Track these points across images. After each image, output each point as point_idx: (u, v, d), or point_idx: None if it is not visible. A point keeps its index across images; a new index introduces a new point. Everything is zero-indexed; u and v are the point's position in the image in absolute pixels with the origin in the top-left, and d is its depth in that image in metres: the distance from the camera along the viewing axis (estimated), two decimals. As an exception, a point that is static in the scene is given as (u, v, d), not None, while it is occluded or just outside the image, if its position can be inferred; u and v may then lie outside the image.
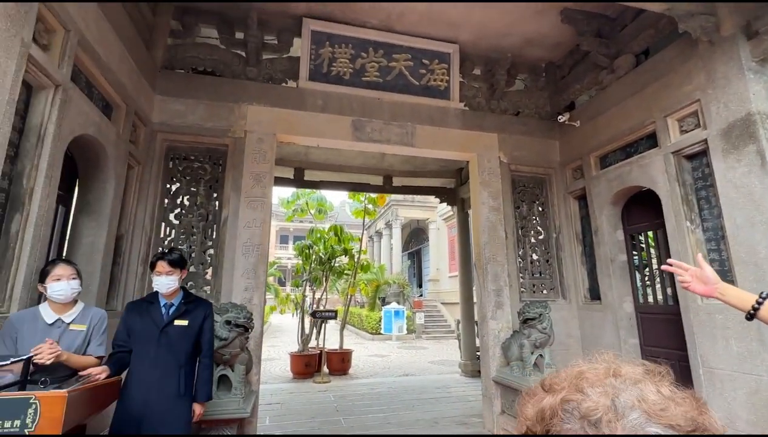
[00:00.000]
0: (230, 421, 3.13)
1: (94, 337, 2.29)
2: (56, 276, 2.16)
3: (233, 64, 4.55)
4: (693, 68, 3.61)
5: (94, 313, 2.35)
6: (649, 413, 0.43)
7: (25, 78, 2.27)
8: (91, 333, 2.29)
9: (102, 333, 2.33)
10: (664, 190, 3.84)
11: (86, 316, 2.30)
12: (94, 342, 2.28)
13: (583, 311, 4.89)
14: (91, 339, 2.28)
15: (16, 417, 1.55)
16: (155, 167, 4.08)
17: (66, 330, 2.21)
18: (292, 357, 8.10)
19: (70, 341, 2.20)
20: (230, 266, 4.02)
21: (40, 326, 2.15)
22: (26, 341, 2.06)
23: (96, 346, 2.29)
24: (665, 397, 0.45)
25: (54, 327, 2.19)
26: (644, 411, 0.43)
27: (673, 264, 1.54)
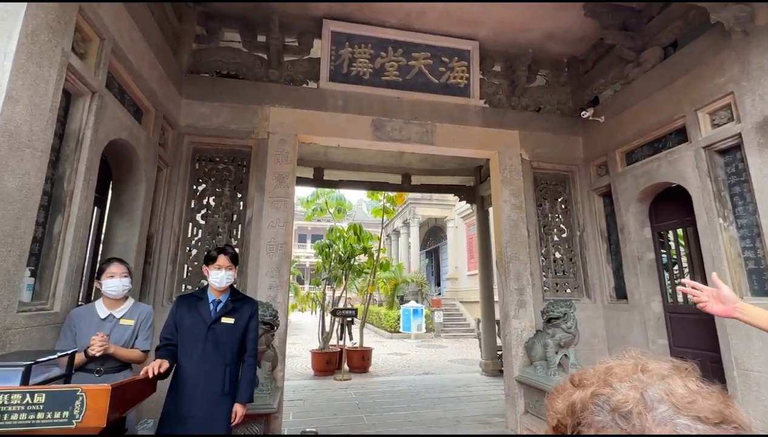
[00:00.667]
0: (258, 416, 3.20)
1: (140, 332, 2.46)
2: (110, 273, 2.36)
3: (255, 67, 4.64)
4: (726, 60, 3.49)
5: (141, 309, 2.53)
6: (678, 406, 0.43)
7: (64, 86, 2.38)
8: (138, 328, 2.45)
9: (148, 328, 2.50)
10: (695, 186, 3.73)
11: (134, 312, 2.48)
12: (141, 336, 2.45)
13: (609, 310, 4.79)
14: (138, 333, 2.45)
15: (65, 409, 1.63)
16: (182, 168, 4.20)
17: (117, 324, 2.39)
18: (313, 354, 8.21)
19: (120, 334, 2.38)
20: (255, 265, 4.11)
21: (95, 321, 2.34)
22: (83, 334, 2.25)
23: (143, 340, 2.45)
24: (692, 391, 0.46)
25: (106, 322, 2.36)
26: (672, 404, 0.44)
27: (688, 285, 1.50)
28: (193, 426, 2.25)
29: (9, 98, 1.87)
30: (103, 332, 2.27)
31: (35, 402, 1.61)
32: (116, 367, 2.32)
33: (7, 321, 1.94)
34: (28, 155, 2.01)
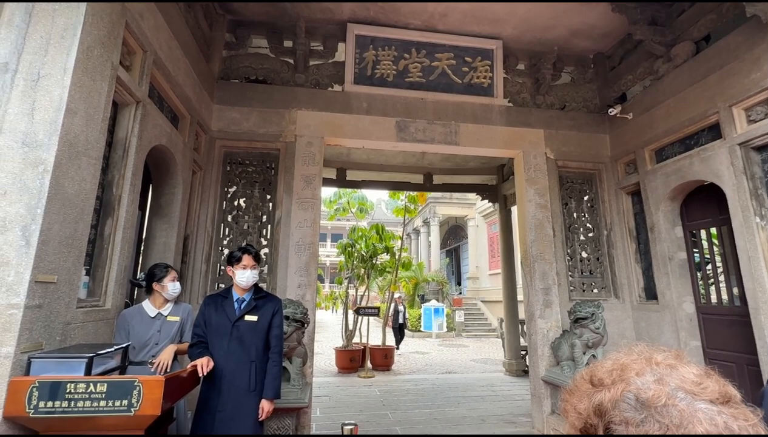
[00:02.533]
0: (290, 410, 3.32)
1: (187, 327, 2.70)
2: (171, 278, 2.68)
3: (282, 72, 4.78)
4: (762, 54, 3.38)
5: (183, 307, 2.79)
6: (693, 392, 0.48)
7: (113, 97, 2.54)
8: (184, 324, 2.71)
9: (190, 322, 2.73)
10: (730, 184, 3.63)
11: (178, 310, 2.74)
12: (188, 331, 2.68)
13: (638, 311, 4.71)
14: (185, 328, 2.70)
15: (125, 398, 1.77)
16: (214, 171, 4.37)
17: (164, 321, 2.64)
18: (337, 352, 8.35)
19: (168, 329, 2.64)
20: (284, 264, 4.24)
21: (146, 319, 2.57)
22: (136, 331, 2.51)
23: (188, 333, 2.68)
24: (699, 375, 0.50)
25: (156, 319, 2.60)
26: (688, 391, 0.48)
27: None
28: (222, 420, 2.35)
29: (69, 111, 2.02)
30: (153, 328, 2.57)
31: (98, 391, 1.75)
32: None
33: (68, 316, 2.11)
34: (84, 163, 2.17)
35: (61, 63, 2.05)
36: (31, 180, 1.90)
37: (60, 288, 2.02)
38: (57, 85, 2.02)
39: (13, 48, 2.02)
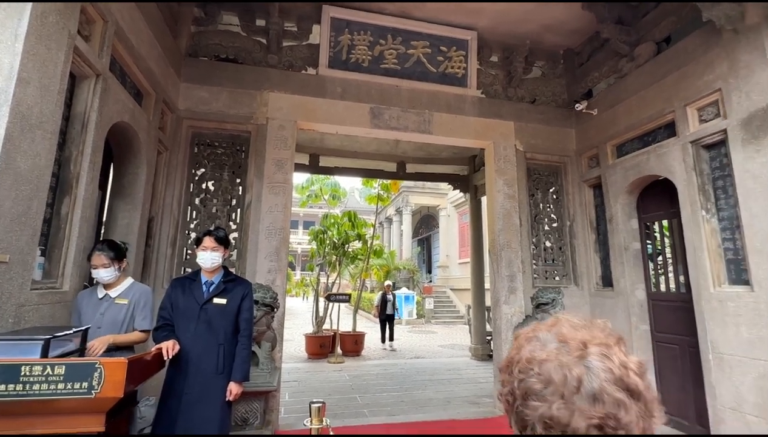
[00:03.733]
0: (258, 394, 3.33)
1: (137, 312, 2.48)
2: (93, 266, 2.38)
3: (254, 52, 4.63)
4: (715, 58, 3.60)
5: (137, 289, 2.55)
6: (564, 338, 0.61)
7: (70, 68, 2.39)
8: (133, 308, 2.47)
9: (143, 307, 2.51)
10: (681, 179, 3.88)
11: (130, 292, 2.51)
12: (138, 316, 2.48)
13: (595, 297, 4.98)
14: (135, 313, 2.48)
15: (84, 380, 1.72)
16: (181, 152, 4.22)
17: (111, 303, 2.43)
18: (307, 337, 8.36)
19: (115, 313, 2.42)
20: (254, 248, 4.18)
21: (93, 301, 2.39)
22: (84, 314, 2.35)
23: (140, 320, 2.48)
24: (575, 327, 0.63)
25: (103, 301, 2.42)
26: (559, 339, 0.61)
27: None
28: (188, 403, 2.33)
29: (21, 80, 1.90)
30: (99, 311, 2.36)
31: (56, 374, 1.69)
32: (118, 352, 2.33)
33: (22, 298, 2.01)
34: (38, 137, 2.05)
35: (12, 28, 1.91)
36: (-22, 153, 1.78)
37: (12, 269, 1.92)
38: (7, 52, 1.89)
39: (-44, 9, 1.87)
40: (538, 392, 0.58)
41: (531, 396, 0.59)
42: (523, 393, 0.60)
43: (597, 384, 0.56)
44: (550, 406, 0.56)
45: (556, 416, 0.56)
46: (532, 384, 0.59)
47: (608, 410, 0.55)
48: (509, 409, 0.63)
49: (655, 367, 4.31)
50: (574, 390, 0.56)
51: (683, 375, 4.01)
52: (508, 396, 0.63)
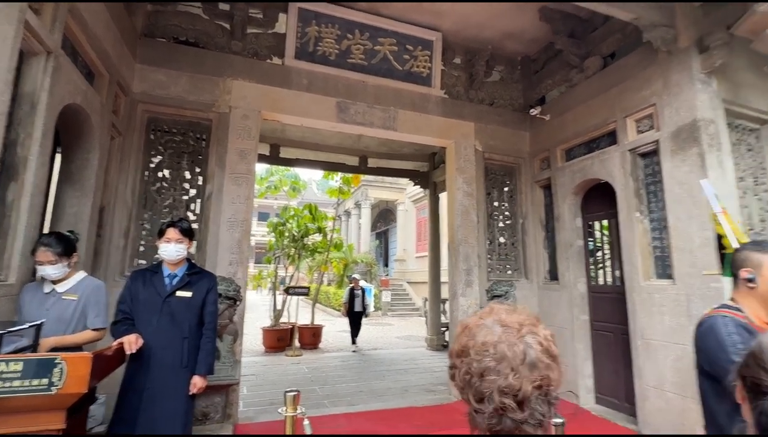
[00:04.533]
0: (219, 388, 3.29)
1: (89, 309, 2.31)
2: (38, 261, 2.20)
3: (217, 37, 4.47)
4: (652, 75, 4.01)
5: (88, 283, 2.37)
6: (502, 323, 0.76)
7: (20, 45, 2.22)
8: (85, 304, 2.30)
9: (96, 303, 2.34)
10: (620, 183, 4.29)
11: (80, 287, 2.33)
12: (90, 313, 2.31)
13: (543, 290, 5.38)
14: (87, 310, 2.31)
15: (44, 376, 1.65)
16: (136, 138, 4.00)
17: (59, 299, 2.25)
18: (265, 331, 8.24)
19: (62, 310, 2.24)
20: (214, 241, 4.08)
21: (39, 296, 2.22)
22: (27, 309, 2.17)
23: (93, 318, 2.31)
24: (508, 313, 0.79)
25: (49, 296, 2.25)
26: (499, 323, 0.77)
27: None
28: (150, 398, 2.28)
29: (-33, 56, 1.75)
30: (44, 306, 2.19)
31: (11, 370, 1.62)
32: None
33: (-35, 291, 1.87)
34: (-15, 118, 1.90)
35: (-44, -2, 1.75)
36: None
37: (-45, 259, 1.78)
38: (-50, 24, 1.73)
39: None
40: (494, 368, 0.71)
41: (488, 372, 0.72)
42: (481, 371, 0.72)
43: (534, 355, 0.72)
44: (506, 377, 0.70)
45: (511, 384, 0.70)
46: (487, 362, 0.72)
47: (543, 373, 0.72)
48: (465, 386, 0.75)
49: (592, 353, 4.76)
50: (520, 362, 0.71)
51: (616, 359, 4.47)
52: (465, 375, 0.75)
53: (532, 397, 0.71)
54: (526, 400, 0.70)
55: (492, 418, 0.72)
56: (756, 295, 1.40)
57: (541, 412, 0.72)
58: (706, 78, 3.68)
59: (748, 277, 1.41)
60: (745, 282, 1.42)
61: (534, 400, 0.71)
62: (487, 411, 0.72)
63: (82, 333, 2.29)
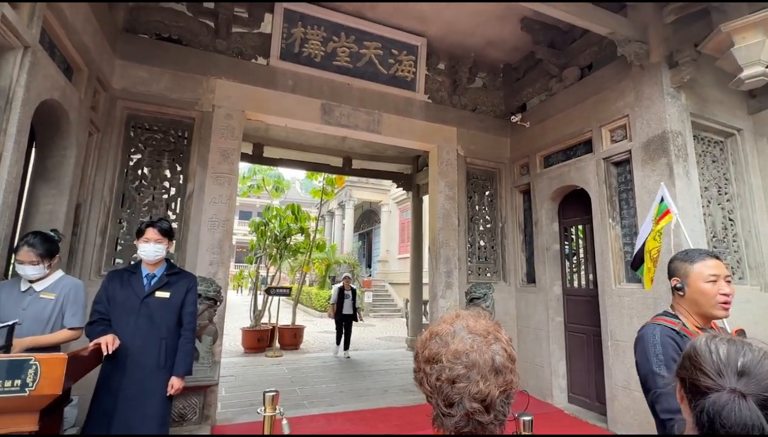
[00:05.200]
0: (197, 389, 3.27)
1: (67, 308, 2.30)
2: (19, 261, 2.18)
3: (201, 35, 4.43)
4: (626, 88, 4.19)
5: (66, 282, 2.35)
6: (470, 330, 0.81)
7: (-5, 37, 2.17)
8: (63, 303, 2.30)
9: (74, 302, 2.32)
10: (595, 190, 4.45)
11: (58, 285, 2.32)
12: (68, 312, 2.30)
13: (520, 292, 5.52)
14: (65, 309, 2.30)
15: (17, 377, 1.63)
16: (115, 135, 3.93)
17: (36, 297, 2.24)
18: (245, 332, 8.16)
19: (39, 308, 2.23)
20: (195, 240, 4.04)
21: (15, 294, 2.19)
22: (4, 307, 2.11)
23: (70, 317, 2.30)
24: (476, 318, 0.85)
25: (26, 295, 2.23)
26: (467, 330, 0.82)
27: None
28: (125, 399, 2.26)
29: (-59, 50, 1.71)
30: (21, 305, 2.17)
31: (-17, 371, 1.59)
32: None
33: (-66, 290, 1.82)
34: (-42, 113, 1.85)
35: (-70, -10, 1.71)
36: None
37: (-76, 258, 1.73)
38: (-77, 17, 1.69)
39: None
40: (465, 375, 0.76)
41: (459, 379, 0.76)
42: (453, 379, 0.77)
43: (499, 361, 0.78)
44: (476, 384, 0.75)
45: (481, 390, 0.75)
46: (459, 370, 0.77)
47: (507, 378, 0.78)
48: (435, 392, 0.80)
49: (566, 354, 4.92)
50: (489, 368, 0.76)
51: (588, 360, 4.63)
52: (436, 382, 0.79)
53: (497, 401, 0.77)
54: (492, 404, 0.76)
55: (461, 421, 0.77)
56: (686, 302, 1.50)
57: (503, 413, 0.79)
58: (676, 92, 3.88)
59: (677, 286, 1.51)
60: (675, 291, 1.53)
61: (499, 403, 0.77)
62: (457, 415, 0.77)
63: (59, 333, 2.26)
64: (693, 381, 0.81)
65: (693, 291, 1.46)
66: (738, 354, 0.82)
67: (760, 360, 0.81)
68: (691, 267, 1.48)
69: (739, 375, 0.78)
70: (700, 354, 0.83)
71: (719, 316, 1.45)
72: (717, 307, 1.42)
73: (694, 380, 0.80)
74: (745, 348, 0.83)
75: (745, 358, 0.81)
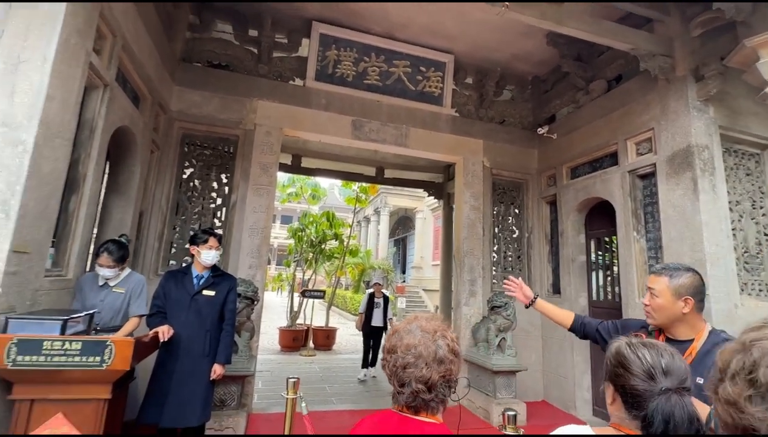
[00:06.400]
0: (237, 378, 3.68)
1: (133, 300, 2.81)
2: (99, 263, 2.69)
3: (246, 60, 4.94)
4: (651, 101, 4.19)
5: (133, 279, 2.87)
6: (422, 328, 1.06)
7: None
8: (129, 296, 2.80)
9: (139, 295, 2.84)
10: (620, 203, 4.46)
11: (127, 281, 2.83)
12: (134, 303, 2.81)
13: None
14: (131, 301, 2.80)
15: (97, 354, 2.06)
16: (172, 152, 4.49)
17: (110, 292, 2.75)
18: (281, 331, 8.67)
19: (113, 300, 2.74)
20: (237, 245, 4.51)
21: (95, 287, 2.68)
22: (85, 297, 2.64)
23: (135, 307, 2.81)
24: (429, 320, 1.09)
25: (103, 288, 2.73)
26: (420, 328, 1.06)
27: (510, 280, 2.22)
28: (178, 381, 2.68)
29: (48, 97, 2.20)
30: (99, 297, 2.68)
31: (73, 348, 2.03)
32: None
33: (37, 284, 2.31)
34: (58, 144, 2.35)
35: (41, 51, 2.21)
36: (10, 158, 2.07)
37: (32, 259, 2.22)
38: (37, 72, 2.18)
39: (-7, 30, 2.15)
40: (413, 363, 1.01)
41: (408, 366, 1.02)
42: (404, 365, 1.02)
43: (442, 353, 1.02)
44: (421, 370, 1.01)
45: (424, 375, 1.00)
46: (408, 359, 1.02)
47: (447, 367, 1.02)
48: (392, 375, 1.07)
49: (591, 366, 4.90)
50: (432, 358, 1.01)
51: (613, 373, 4.59)
52: (393, 367, 1.06)
53: (438, 384, 1.02)
54: (433, 386, 1.01)
55: (409, 397, 1.03)
56: None
57: (443, 394, 1.04)
58: (703, 105, 3.84)
59: None
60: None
61: (439, 385, 1.02)
62: (406, 393, 1.03)
63: (130, 323, 2.76)
64: (629, 386, 0.97)
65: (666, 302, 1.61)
66: (658, 356, 1.01)
67: (672, 358, 1.00)
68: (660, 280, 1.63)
69: (665, 374, 0.97)
70: (630, 361, 1.01)
71: (648, 322, 1.65)
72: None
73: (630, 384, 0.97)
74: (658, 349, 1.02)
75: (664, 359, 1.00)
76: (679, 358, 0.99)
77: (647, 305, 1.63)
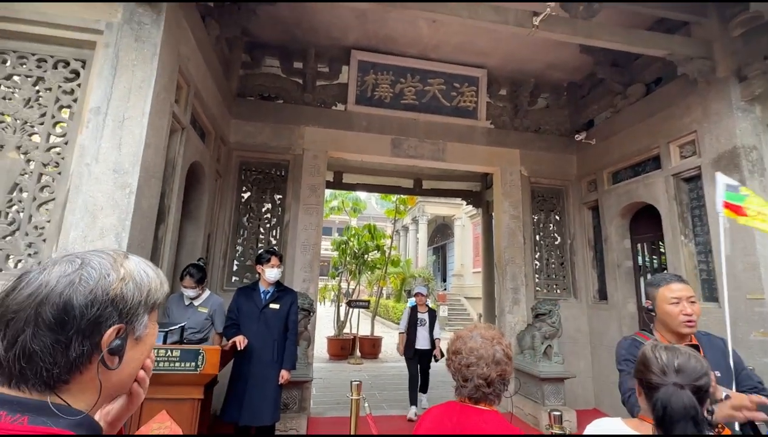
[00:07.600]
0: (297, 383, 4.02)
1: (216, 318, 3.23)
2: (185, 285, 3.13)
3: (293, 91, 5.40)
4: (692, 103, 4.16)
5: (213, 300, 3.30)
6: (482, 336, 1.31)
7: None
8: (213, 315, 3.22)
9: (220, 314, 3.25)
10: (665, 207, 4.42)
11: (208, 302, 3.26)
12: (217, 321, 3.22)
13: (592, 309, 5.51)
14: (215, 319, 3.22)
15: (192, 361, 2.44)
16: (231, 178, 4.99)
17: (195, 310, 3.18)
18: (329, 340, 9.06)
19: (198, 318, 3.16)
20: (291, 261, 4.90)
21: (181, 306, 3.12)
22: (173, 314, 3.07)
23: (219, 324, 3.23)
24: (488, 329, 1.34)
25: (188, 308, 3.16)
26: (481, 336, 1.31)
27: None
28: (253, 385, 3.04)
29: (146, 145, 2.66)
30: (186, 315, 3.11)
31: (173, 356, 2.42)
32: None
33: (140, 301, 2.75)
34: (153, 184, 2.80)
35: (140, 108, 2.68)
36: (120, 199, 2.53)
37: (137, 280, 2.66)
38: (137, 125, 2.65)
39: (104, 95, 2.64)
40: (475, 363, 1.26)
41: (471, 365, 1.26)
42: (467, 364, 1.27)
43: (499, 356, 1.25)
44: (482, 369, 1.25)
45: (485, 373, 1.24)
46: (471, 359, 1.26)
47: (503, 367, 1.25)
48: (457, 372, 1.31)
49: (644, 373, 4.81)
50: (491, 360, 1.25)
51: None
52: (458, 365, 1.30)
53: (495, 381, 1.25)
54: (492, 382, 1.25)
55: (471, 390, 1.26)
56: (658, 322, 1.72)
57: (499, 389, 1.27)
58: (748, 106, 3.78)
59: (649, 308, 1.75)
60: (648, 312, 1.77)
61: (496, 382, 1.26)
62: (469, 387, 1.26)
63: (216, 338, 3.19)
64: (647, 380, 1.18)
65: (660, 312, 1.68)
66: (674, 357, 1.19)
67: (688, 359, 1.18)
68: (657, 291, 1.70)
69: (677, 371, 1.16)
70: (649, 359, 1.21)
71: (684, 333, 1.63)
72: (682, 325, 1.61)
73: (647, 378, 1.17)
74: (677, 352, 1.20)
75: (679, 359, 1.18)
76: (696, 360, 1.15)
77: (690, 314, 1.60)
